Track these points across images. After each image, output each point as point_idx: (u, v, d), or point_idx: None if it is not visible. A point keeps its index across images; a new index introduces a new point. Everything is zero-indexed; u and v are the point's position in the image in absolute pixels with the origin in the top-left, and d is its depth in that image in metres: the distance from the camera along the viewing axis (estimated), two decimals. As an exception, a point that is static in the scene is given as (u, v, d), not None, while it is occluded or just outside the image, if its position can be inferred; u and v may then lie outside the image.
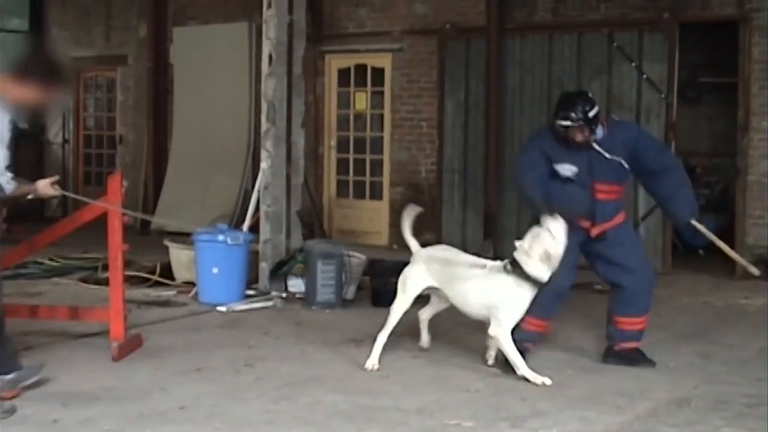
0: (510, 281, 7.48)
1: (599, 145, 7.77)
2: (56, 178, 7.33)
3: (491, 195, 14.35)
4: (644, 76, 13.41)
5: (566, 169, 7.79)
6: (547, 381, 7.30)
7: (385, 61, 15.62)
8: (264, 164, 11.29)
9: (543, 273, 7.41)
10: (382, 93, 15.76)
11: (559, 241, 7.38)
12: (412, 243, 8.13)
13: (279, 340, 8.81)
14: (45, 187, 7.14)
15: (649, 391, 7.13)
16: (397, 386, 7.18)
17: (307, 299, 10.44)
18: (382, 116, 15.79)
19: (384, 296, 10.26)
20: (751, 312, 10.59)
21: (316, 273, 10.36)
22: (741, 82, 12.97)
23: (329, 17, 15.95)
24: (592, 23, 13.94)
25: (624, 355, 8.00)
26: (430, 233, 14.97)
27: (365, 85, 15.99)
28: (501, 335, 7.47)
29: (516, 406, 6.67)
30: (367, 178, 16.01)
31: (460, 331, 9.02)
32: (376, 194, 15.92)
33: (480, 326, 7.78)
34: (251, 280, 10.98)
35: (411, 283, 7.91)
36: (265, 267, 11.08)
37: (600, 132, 7.79)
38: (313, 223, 14.52)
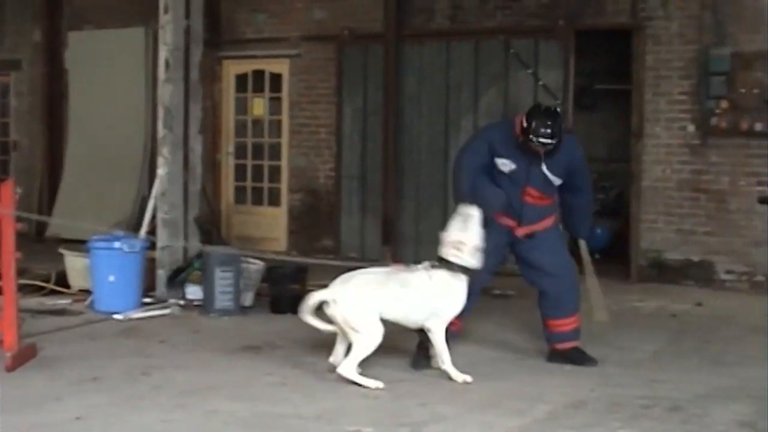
0: (445, 277, 7.68)
1: (545, 160, 7.99)
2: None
3: (390, 201, 14.37)
4: (540, 82, 13.55)
5: (504, 165, 8.04)
6: (468, 378, 7.50)
7: (282, 67, 15.57)
8: (161, 171, 11.17)
9: (474, 262, 7.68)
10: (280, 99, 15.71)
11: (472, 231, 7.67)
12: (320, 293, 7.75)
13: (176, 348, 8.73)
14: None
15: (547, 394, 7.19)
16: (297, 393, 7.15)
17: (205, 306, 10.35)
18: (280, 122, 15.74)
19: (283, 302, 10.28)
20: (645, 315, 10.77)
21: (214, 280, 10.28)
22: (635, 89, 13.17)
23: (227, 23, 15.86)
24: (489, 30, 14.04)
25: (564, 355, 8.26)
26: (328, 239, 15.01)
27: (263, 90, 15.93)
28: (439, 329, 7.66)
29: (415, 412, 6.68)
30: (266, 185, 15.94)
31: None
32: (275, 200, 15.87)
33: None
34: (148, 288, 10.84)
35: (370, 319, 7.54)
36: (162, 274, 10.95)
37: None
38: (211, 229, 14.39)
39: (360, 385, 7.31)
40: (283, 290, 10.42)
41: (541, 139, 7.83)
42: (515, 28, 13.87)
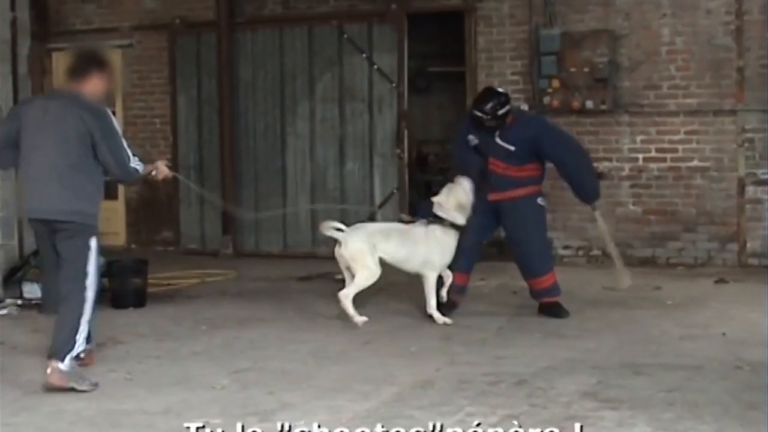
0: (438, 232, 9.19)
1: (501, 133, 9.34)
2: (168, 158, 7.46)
3: (228, 190, 14.24)
4: (375, 66, 13.62)
5: (471, 141, 9.47)
6: (448, 321, 9.07)
7: (114, 58, 15.27)
8: (-9, 167, 10.85)
9: (460, 219, 9.20)
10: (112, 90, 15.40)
11: (467, 192, 9.23)
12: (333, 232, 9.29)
13: (16, 349, 8.49)
14: (162, 166, 7.79)
15: (393, 376, 7.22)
16: (142, 388, 7.02)
17: (44, 305, 10.10)
18: (114, 113, 15.41)
19: (124, 297, 10.10)
20: (487, 293, 10.91)
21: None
22: (468, 70, 13.35)
23: (55, 14, 15.51)
24: (322, 15, 14.06)
25: (546, 308, 9.46)
26: (168, 231, 14.83)
27: (95, 82, 15.58)
28: (432, 277, 9.20)
29: (263, 401, 6.63)
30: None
31: (201, 328, 8.99)
32: (111, 194, 15.56)
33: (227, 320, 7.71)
34: (-17, 289, 10.55)
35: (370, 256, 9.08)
36: (-3, 274, 10.68)
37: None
38: (47, 226, 14.07)
39: (349, 316, 8.92)
40: (124, 284, 10.24)
41: (475, 112, 9.39)
42: (348, 13, 13.93)
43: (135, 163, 7.31)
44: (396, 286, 11.33)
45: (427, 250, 9.19)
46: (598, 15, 12.78)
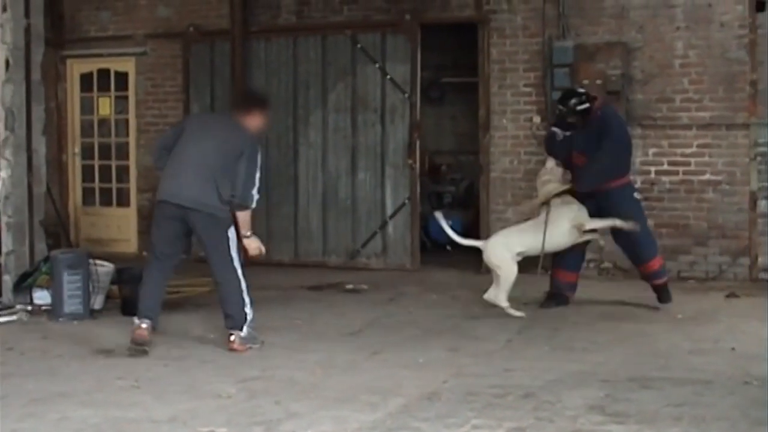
0: (569, 200, 10.08)
1: (584, 128, 10.07)
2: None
3: (241, 198, 14.25)
4: (388, 77, 13.62)
5: (558, 134, 10.27)
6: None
7: (128, 66, 15.34)
8: (3, 173, 10.87)
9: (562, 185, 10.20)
10: (126, 98, 15.47)
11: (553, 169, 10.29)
12: (475, 242, 10.63)
13: (25, 355, 8.51)
14: (253, 243, 8.73)
15: (400, 387, 7.21)
16: (149, 396, 7.03)
17: (54, 311, 10.13)
18: (127, 121, 15.51)
19: (134, 304, 10.07)
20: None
21: (62, 284, 10.05)
22: (481, 81, 13.34)
23: (70, 21, 15.56)
24: (335, 25, 14.05)
25: (657, 288, 10.34)
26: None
27: (109, 90, 15.67)
28: (593, 224, 10.08)
29: (270, 410, 6.63)
30: (114, 185, 15.69)
31: (210, 337, 9.00)
32: (123, 201, 15.64)
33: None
34: (-6, 294, 10.59)
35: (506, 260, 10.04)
36: (8, 280, 10.68)
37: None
38: (59, 232, 14.12)
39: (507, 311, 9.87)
40: (134, 291, 10.22)
41: (559, 107, 10.31)
42: (362, 23, 13.91)
43: (254, 194, 8.48)
44: (406, 296, 11.38)
45: (579, 219, 10.00)
46: (612, 27, 12.76)
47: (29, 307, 10.39)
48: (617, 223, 9.98)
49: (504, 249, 10.09)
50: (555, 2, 12.91)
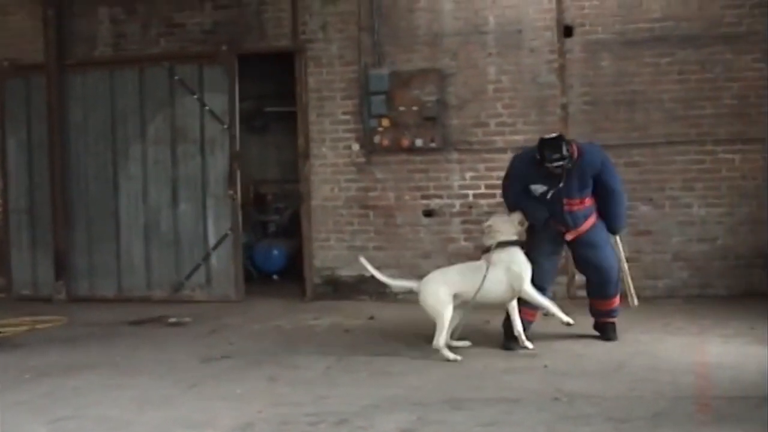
0: (512, 252, 9.43)
1: (568, 172, 9.46)
2: None
3: (60, 234, 14.03)
4: (206, 107, 13.56)
5: (537, 190, 9.59)
6: (571, 321, 9.43)
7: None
8: None
9: (516, 236, 9.54)
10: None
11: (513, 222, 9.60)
12: (408, 283, 10.01)
13: None
14: None
15: (215, 419, 7.18)
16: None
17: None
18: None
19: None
20: (319, 332, 10.91)
21: None
22: (299, 110, 13.40)
23: None
24: (153, 57, 13.95)
25: (603, 327, 9.95)
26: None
27: None
28: (529, 291, 9.35)
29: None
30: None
31: (26, 377, 8.83)
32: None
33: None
34: None
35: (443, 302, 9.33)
36: None
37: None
38: None
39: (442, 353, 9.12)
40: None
41: (554, 164, 9.33)
42: (179, 55, 13.85)
43: None
44: (228, 327, 11.34)
45: (511, 275, 9.40)
46: (426, 54, 12.97)
47: None
48: (553, 310, 9.46)
49: (440, 291, 9.37)
50: (370, 31, 13.08)
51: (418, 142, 12.86)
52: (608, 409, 7.11)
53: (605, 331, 9.91)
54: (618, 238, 10.00)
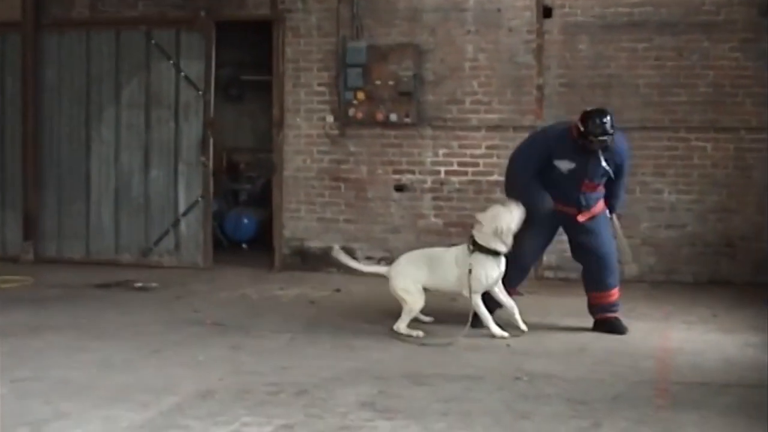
0: (477, 257, 9.03)
1: (603, 155, 9.17)
2: None
3: (30, 195, 13.97)
4: (182, 73, 13.52)
5: (564, 165, 9.22)
6: (505, 334, 9.04)
7: None
8: None
9: (499, 246, 8.99)
10: None
11: (514, 220, 8.97)
12: (379, 269, 9.92)
13: None
14: None
15: (176, 385, 7.18)
16: None
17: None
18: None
19: None
20: (284, 303, 10.92)
21: None
22: (275, 80, 13.38)
23: None
24: (130, 20, 13.88)
25: (605, 323, 9.43)
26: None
27: None
28: (476, 301, 9.08)
29: (38, 410, 6.52)
30: None
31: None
32: None
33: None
34: None
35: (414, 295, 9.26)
36: None
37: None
38: None
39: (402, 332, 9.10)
40: None
41: (600, 137, 8.99)
42: (157, 19, 13.78)
43: None
44: (194, 294, 11.35)
45: (462, 273, 9.09)
46: (404, 29, 12.95)
47: None
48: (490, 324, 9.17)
49: (409, 278, 9.27)
50: (349, 3, 13.04)
51: (393, 117, 12.85)
52: (568, 390, 7.16)
53: (611, 325, 9.37)
54: (615, 217, 9.82)
